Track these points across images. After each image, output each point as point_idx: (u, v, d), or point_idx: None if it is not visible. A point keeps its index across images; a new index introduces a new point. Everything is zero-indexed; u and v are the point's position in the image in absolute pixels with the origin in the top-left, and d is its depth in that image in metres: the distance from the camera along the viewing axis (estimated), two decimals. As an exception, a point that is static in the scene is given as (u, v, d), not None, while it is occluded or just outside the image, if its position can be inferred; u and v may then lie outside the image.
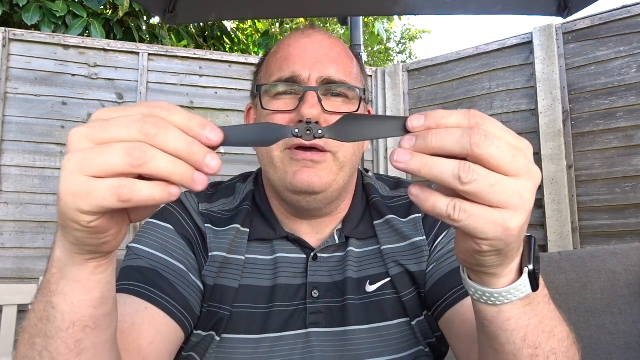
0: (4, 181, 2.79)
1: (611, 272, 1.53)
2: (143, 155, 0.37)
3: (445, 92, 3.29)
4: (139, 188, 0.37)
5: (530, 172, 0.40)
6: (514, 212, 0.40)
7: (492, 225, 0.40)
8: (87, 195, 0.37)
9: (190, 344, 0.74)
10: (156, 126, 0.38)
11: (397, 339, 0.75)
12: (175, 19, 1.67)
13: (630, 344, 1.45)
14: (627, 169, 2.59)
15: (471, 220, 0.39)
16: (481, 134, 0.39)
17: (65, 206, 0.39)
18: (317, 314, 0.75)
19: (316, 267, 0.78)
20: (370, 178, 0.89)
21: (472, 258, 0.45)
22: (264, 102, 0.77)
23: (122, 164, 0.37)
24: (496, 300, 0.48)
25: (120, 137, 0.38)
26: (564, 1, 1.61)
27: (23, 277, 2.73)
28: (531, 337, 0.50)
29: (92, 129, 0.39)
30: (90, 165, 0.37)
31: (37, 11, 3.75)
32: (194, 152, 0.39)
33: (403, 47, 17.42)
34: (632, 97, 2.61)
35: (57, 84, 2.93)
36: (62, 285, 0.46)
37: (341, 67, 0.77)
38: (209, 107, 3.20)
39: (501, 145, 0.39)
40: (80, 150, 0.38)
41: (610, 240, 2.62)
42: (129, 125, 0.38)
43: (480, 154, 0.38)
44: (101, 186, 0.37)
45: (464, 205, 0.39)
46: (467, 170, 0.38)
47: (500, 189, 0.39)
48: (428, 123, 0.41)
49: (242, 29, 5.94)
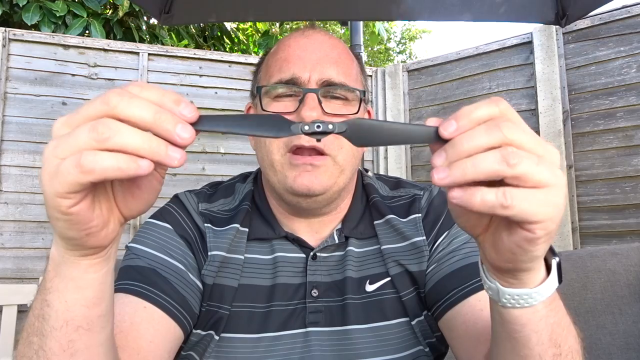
0: (4, 181, 2.79)
1: (611, 272, 1.53)
2: (106, 129, 0.36)
3: (445, 92, 3.29)
4: (100, 157, 0.37)
5: (551, 151, 0.41)
6: (558, 188, 0.40)
7: (543, 204, 0.39)
8: (56, 175, 0.38)
9: (189, 344, 0.74)
10: (120, 96, 0.38)
11: (397, 338, 0.75)
12: (172, 20, 1.67)
13: (630, 344, 1.45)
14: (627, 169, 2.59)
15: (525, 203, 0.39)
16: (507, 120, 0.40)
17: (45, 192, 0.39)
18: (316, 313, 0.75)
19: (315, 267, 0.78)
20: (370, 178, 0.89)
21: (523, 253, 0.43)
22: (263, 103, 0.77)
23: (88, 140, 0.37)
24: (533, 300, 0.48)
25: (89, 115, 0.38)
26: (562, 10, 1.62)
27: (23, 277, 2.73)
28: (555, 336, 0.50)
29: (69, 115, 0.39)
30: (63, 148, 0.38)
31: (37, 11, 3.75)
32: (162, 121, 0.38)
33: (403, 47, 17.43)
34: (632, 97, 2.61)
35: (57, 84, 2.93)
36: (56, 283, 0.46)
37: (341, 68, 0.77)
38: (209, 107, 3.20)
39: (527, 130, 0.40)
40: (58, 136, 0.39)
41: (610, 240, 2.62)
42: (95, 101, 0.38)
43: (514, 139, 0.39)
44: (67, 162, 0.37)
45: (512, 191, 0.39)
46: (512, 154, 0.38)
47: (544, 167, 0.39)
48: (462, 124, 0.40)
49: (242, 29, 5.94)
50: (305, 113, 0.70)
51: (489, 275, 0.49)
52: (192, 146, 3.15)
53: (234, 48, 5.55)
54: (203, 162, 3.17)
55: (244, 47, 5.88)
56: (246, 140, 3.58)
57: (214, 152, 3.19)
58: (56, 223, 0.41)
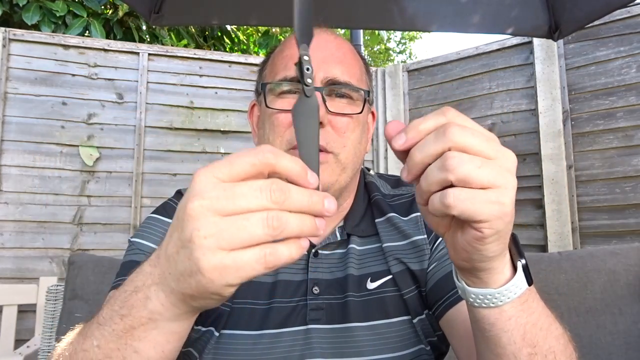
0: (4, 181, 2.79)
1: (611, 272, 1.53)
2: (280, 223, 0.39)
3: (445, 92, 3.29)
4: (280, 252, 0.40)
5: (505, 154, 0.43)
6: (504, 189, 0.42)
7: (488, 204, 0.42)
8: (236, 270, 0.39)
9: (189, 340, 0.74)
10: (282, 192, 0.40)
11: (398, 336, 0.75)
12: (162, 20, 1.66)
13: (630, 344, 1.45)
14: (627, 169, 2.59)
15: (467, 202, 0.41)
16: (454, 126, 0.42)
17: (210, 282, 0.40)
18: (317, 311, 0.75)
19: (317, 264, 0.78)
20: (371, 176, 0.89)
21: (475, 251, 0.46)
22: (268, 100, 0.77)
23: (263, 235, 0.39)
24: (498, 301, 0.49)
25: (251, 207, 0.39)
26: (555, 24, 1.64)
27: (23, 277, 2.73)
28: (529, 336, 0.51)
29: (216, 201, 0.39)
30: (233, 241, 0.39)
31: (37, 11, 3.75)
32: (315, 203, 0.41)
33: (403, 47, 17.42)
34: (632, 97, 2.60)
35: (57, 84, 2.93)
36: (153, 335, 0.47)
37: (346, 67, 0.77)
38: (209, 107, 3.20)
39: (475, 134, 0.42)
40: (209, 224, 0.39)
41: (610, 240, 2.62)
42: (257, 195, 0.39)
43: (458, 143, 0.41)
44: (249, 258, 0.39)
45: (455, 191, 0.42)
46: (450, 159, 0.41)
47: (487, 170, 0.41)
48: (410, 137, 0.43)
49: (242, 29, 5.94)
50: None
51: (457, 275, 0.52)
52: (192, 146, 3.15)
53: (234, 48, 5.55)
54: (203, 162, 3.17)
55: (244, 47, 5.88)
56: (246, 140, 3.57)
57: (214, 152, 3.19)
58: (206, 302, 0.43)
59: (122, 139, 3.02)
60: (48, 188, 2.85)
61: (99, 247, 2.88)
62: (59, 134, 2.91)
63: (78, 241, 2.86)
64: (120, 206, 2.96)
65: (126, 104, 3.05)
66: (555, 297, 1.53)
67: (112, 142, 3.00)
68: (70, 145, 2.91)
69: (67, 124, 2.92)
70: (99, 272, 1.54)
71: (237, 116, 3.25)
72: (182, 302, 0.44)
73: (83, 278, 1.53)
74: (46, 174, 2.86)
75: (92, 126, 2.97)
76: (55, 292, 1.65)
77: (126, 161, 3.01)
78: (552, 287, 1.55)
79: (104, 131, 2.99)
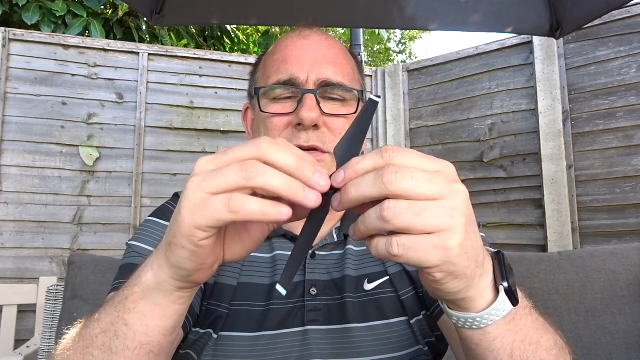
0: (4, 181, 2.79)
1: (611, 272, 1.53)
2: (255, 169, 0.40)
3: (445, 92, 3.29)
4: (248, 201, 0.40)
5: (453, 190, 0.41)
6: (450, 232, 0.40)
7: (432, 250, 0.40)
8: (202, 209, 0.40)
9: (187, 342, 0.74)
10: (269, 143, 0.41)
11: (396, 337, 0.75)
12: (163, 21, 1.67)
13: (630, 344, 1.45)
14: (627, 169, 2.59)
15: (411, 252, 0.40)
16: (392, 171, 0.39)
17: (182, 222, 0.42)
18: (315, 312, 0.75)
19: (314, 265, 0.78)
20: None
21: (436, 290, 0.45)
22: (262, 105, 0.77)
23: (237, 178, 0.40)
24: (480, 324, 0.48)
25: (237, 157, 0.42)
26: (556, 22, 1.65)
27: (23, 277, 2.73)
28: (518, 353, 0.51)
29: (216, 155, 0.44)
30: (210, 184, 0.41)
31: (37, 11, 3.75)
32: (303, 168, 0.41)
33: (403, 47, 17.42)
34: (632, 97, 2.60)
35: (57, 84, 2.93)
36: (141, 306, 0.47)
37: (339, 68, 0.77)
38: (209, 107, 3.20)
39: (415, 175, 0.40)
40: (203, 172, 0.42)
41: (610, 240, 2.62)
42: (246, 147, 0.42)
43: (395, 191, 0.39)
44: (216, 199, 0.40)
45: (400, 239, 0.40)
46: (387, 209, 0.39)
47: (428, 215, 0.39)
48: (347, 175, 0.42)
49: (242, 29, 5.94)
50: (304, 114, 0.71)
51: None
52: (192, 146, 3.15)
53: (234, 48, 5.55)
54: (203, 162, 3.16)
55: (244, 47, 5.88)
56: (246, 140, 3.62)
57: (214, 152, 3.19)
58: (179, 252, 0.44)
59: (122, 139, 3.02)
60: (48, 188, 2.85)
61: (99, 247, 2.88)
62: (59, 134, 2.90)
63: (78, 241, 2.86)
64: (120, 206, 2.96)
65: (126, 104, 3.05)
66: (555, 297, 1.53)
67: (112, 142, 3.00)
68: (70, 145, 2.91)
69: (67, 124, 2.92)
70: (99, 272, 1.54)
71: (237, 116, 3.25)
72: (167, 259, 0.45)
73: (83, 278, 1.53)
74: (46, 174, 2.86)
75: (92, 126, 2.97)
76: (55, 292, 1.65)
77: (126, 161, 3.01)
78: (552, 287, 1.54)
79: (104, 131, 2.99)
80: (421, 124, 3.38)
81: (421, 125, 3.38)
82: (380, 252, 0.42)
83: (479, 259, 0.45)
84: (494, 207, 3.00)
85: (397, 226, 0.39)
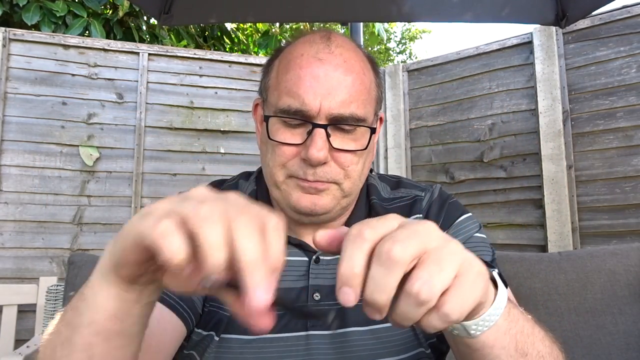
0: (4, 181, 2.79)
1: (611, 272, 1.53)
2: (199, 220, 0.36)
3: (445, 92, 3.29)
4: (174, 237, 0.36)
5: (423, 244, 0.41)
6: None
7: None
8: (155, 221, 0.38)
9: (191, 343, 0.74)
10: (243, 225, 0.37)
11: (398, 340, 0.75)
12: (172, 20, 1.67)
13: (630, 344, 1.45)
14: (627, 169, 2.59)
15: (458, 304, 0.41)
16: (387, 249, 0.41)
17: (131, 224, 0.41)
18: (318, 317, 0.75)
19: (318, 270, 0.77)
20: (373, 178, 0.89)
21: None
22: (271, 132, 0.75)
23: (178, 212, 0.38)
24: (493, 317, 0.49)
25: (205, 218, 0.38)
26: (562, 11, 1.63)
27: (23, 277, 2.73)
28: (520, 345, 0.51)
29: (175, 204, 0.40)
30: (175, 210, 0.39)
31: (37, 11, 3.75)
32: (259, 268, 0.37)
33: (403, 47, 17.42)
34: (632, 97, 2.60)
35: (57, 84, 2.93)
36: (95, 281, 0.47)
37: (354, 97, 0.74)
38: (209, 107, 3.20)
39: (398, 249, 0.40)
40: None
41: (610, 240, 2.62)
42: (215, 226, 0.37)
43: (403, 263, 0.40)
44: (169, 221, 0.37)
45: (449, 304, 0.41)
46: (419, 290, 0.40)
47: (446, 264, 0.41)
48: (355, 289, 0.43)
49: (242, 29, 5.94)
50: (313, 154, 0.70)
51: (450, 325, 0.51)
52: (192, 146, 3.15)
53: (234, 48, 5.56)
54: (203, 162, 3.17)
55: (244, 47, 5.88)
56: (246, 140, 3.56)
57: (214, 152, 3.19)
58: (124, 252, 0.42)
59: (122, 139, 3.02)
60: (48, 188, 2.85)
61: (99, 247, 2.88)
62: (59, 134, 2.91)
63: (78, 241, 2.86)
64: (120, 206, 2.96)
65: (126, 104, 3.05)
66: (555, 297, 1.53)
67: (112, 142, 3.00)
68: (70, 145, 2.91)
69: (67, 123, 2.92)
70: (99, 272, 1.54)
71: (237, 116, 3.25)
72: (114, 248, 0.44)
73: (83, 278, 1.53)
74: (46, 174, 2.86)
75: (92, 126, 2.97)
76: (55, 292, 1.65)
77: (126, 161, 3.01)
78: (552, 287, 1.55)
79: (104, 131, 2.99)
80: (421, 124, 3.38)
81: (421, 125, 3.38)
82: (438, 326, 0.41)
83: None
84: (494, 207, 3.00)
85: (437, 296, 0.40)
